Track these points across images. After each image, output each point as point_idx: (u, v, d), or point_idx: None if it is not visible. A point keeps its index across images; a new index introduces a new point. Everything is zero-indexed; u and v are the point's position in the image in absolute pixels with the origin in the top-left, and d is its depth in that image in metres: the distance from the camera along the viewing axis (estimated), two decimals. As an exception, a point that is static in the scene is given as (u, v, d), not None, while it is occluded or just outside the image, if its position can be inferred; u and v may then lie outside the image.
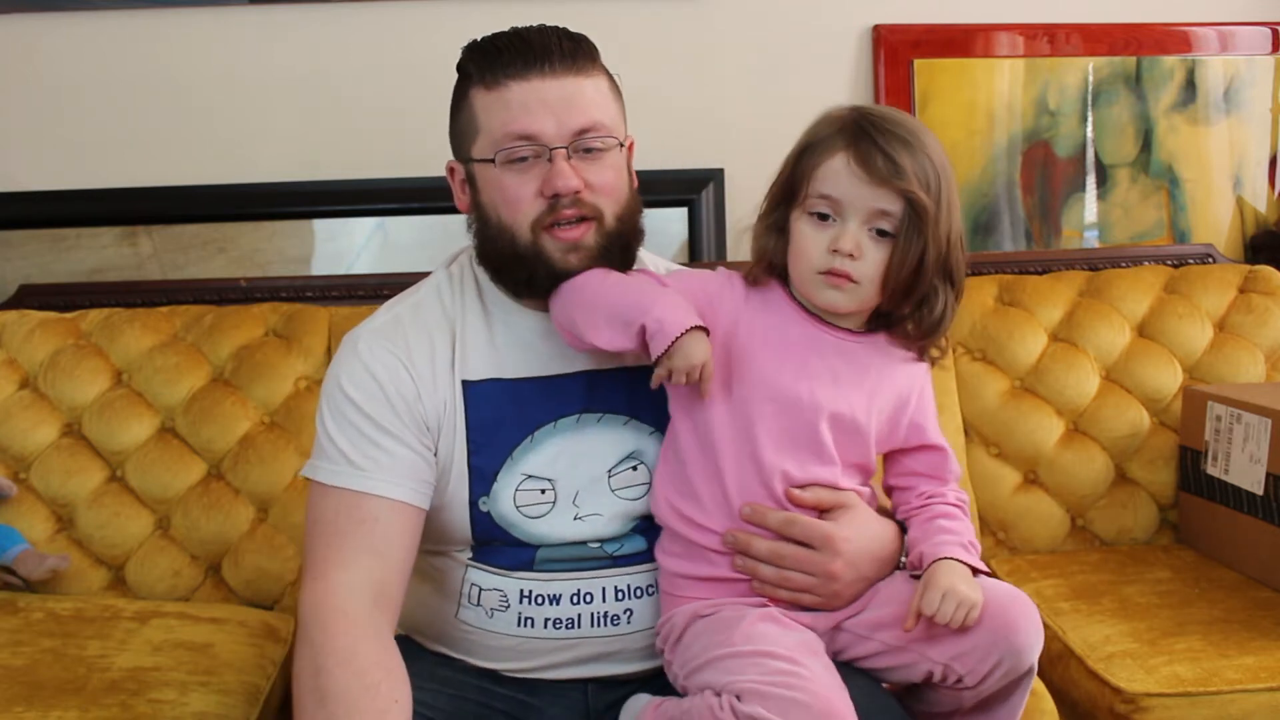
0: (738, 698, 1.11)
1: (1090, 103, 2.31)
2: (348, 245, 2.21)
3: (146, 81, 2.16)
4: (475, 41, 1.36)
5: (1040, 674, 1.47)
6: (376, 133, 2.19)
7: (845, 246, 1.19)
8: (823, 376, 1.24)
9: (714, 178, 2.23)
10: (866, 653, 1.24)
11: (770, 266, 1.27)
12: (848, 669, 1.23)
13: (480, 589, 1.32)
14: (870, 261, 1.20)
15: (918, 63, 2.26)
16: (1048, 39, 2.30)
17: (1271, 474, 1.74)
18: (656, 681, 1.32)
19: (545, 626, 1.30)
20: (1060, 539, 1.97)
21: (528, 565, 1.30)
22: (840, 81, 2.28)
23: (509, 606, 1.31)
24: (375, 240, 2.22)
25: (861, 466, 1.29)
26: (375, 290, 2.08)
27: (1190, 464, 1.94)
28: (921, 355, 1.29)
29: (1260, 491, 1.77)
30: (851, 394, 1.25)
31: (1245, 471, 1.80)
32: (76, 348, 1.91)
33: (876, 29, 2.26)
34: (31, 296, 2.04)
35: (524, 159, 1.27)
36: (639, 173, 2.19)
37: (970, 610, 1.15)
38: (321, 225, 2.20)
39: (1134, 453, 1.99)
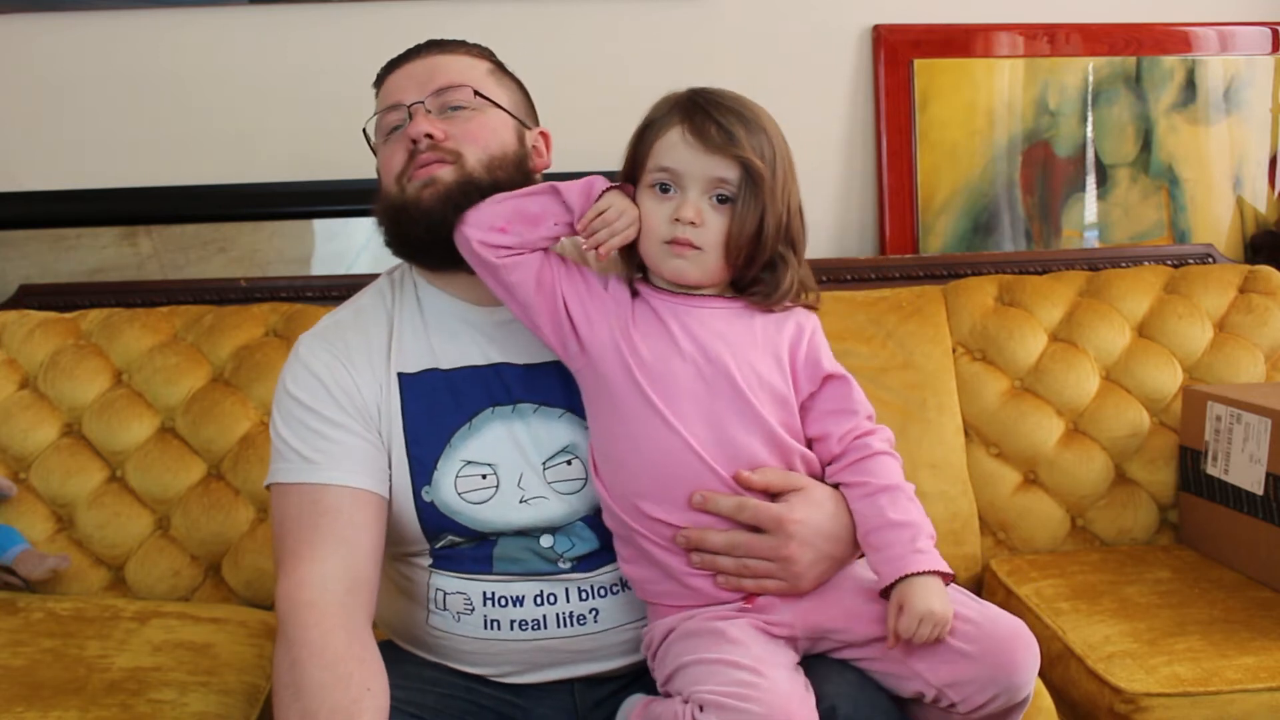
0: (700, 708, 1.12)
1: (1090, 103, 2.31)
2: (348, 245, 2.21)
3: (146, 81, 2.16)
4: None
5: (1040, 674, 1.47)
6: (376, 133, 2.19)
7: (686, 215, 1.22)
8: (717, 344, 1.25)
9: (714, 178, 2.23)
10: (859, 656, 1.23)
11: (630, 255, 1.28)
12: (843, 666, 1.22)
13: (445, 593, 1.32)
14: (712, 229, 1.22)
15: (918, 63, 2.26)
16: (1048, 39, 2.30)
17: (1271, 474, 1.74)
18: (647, 678, 1.31)
19: (511, 629, 1.31)
20: (1060, 539, 1.97)
21: (487, 568, 1.31)
22: (840, 81, 2.29)
23: (474, 609, 1.31)
24: (375, 240, 2.20)
25: (798, 437, 1.27)
26: (375, 290, 2.08)
27: (1190, 464, 1.94)
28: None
29: (1260, 491, 1.77)
30: (751, 354, 1.25)
31: (1245, 471, 1.80)
32: (76, 348, 1.91)
33: (876, 29, 2.26)
34: (31, 296, 2.04)
35: (396, 129, 1.33)
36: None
37: (944, 627, 1.15)
38: (321, 225, 2.20)
39: (1134, 453, 1.99)
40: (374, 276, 2.09)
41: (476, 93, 1.35)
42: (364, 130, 1.40)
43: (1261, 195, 2.37)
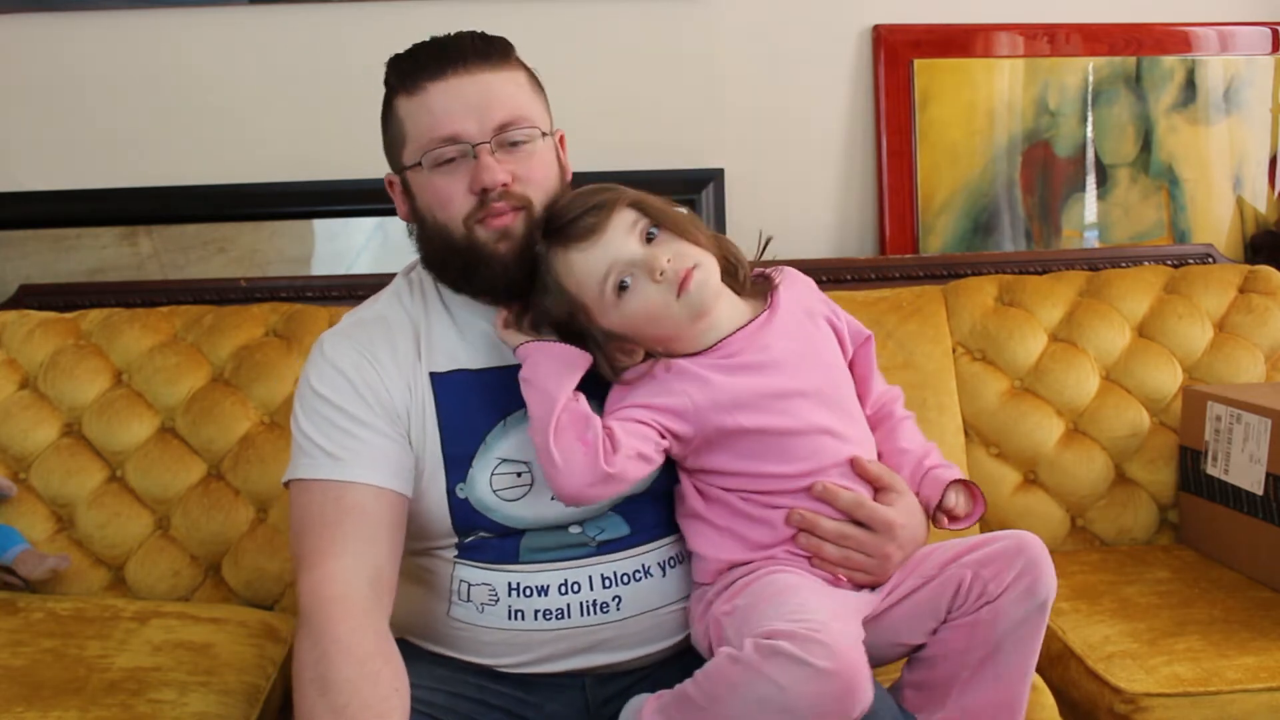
0: (767, 638, 1.11)
1: (1090, 103, 2.31)
2: (347, 245, 2.21)
3: (147, 81, 2.16)
4: (396, 55, 1.40)
5: (1040, 673, 1.48)
6: (376, 133, 2.17)
7: (661, 263, 1.25)
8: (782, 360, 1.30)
9: (714, 178, 2.23)
10: (908, 591, 1.28)
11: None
12: None
13: (469, 585, 1.33)
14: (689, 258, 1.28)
15: (918, 63, 2.26)
16: (1048, 39, 2.30)
17: (1271, 474, 1.74)
18: (655, 675, 1.32)
19: (536, 618, 1.31)
20: (1060, 539, 1.97)
21: (513, 558, 1.31)
22: (840, 81, 2.29)
23: (499, 600, 1.32)
24: (375, 240, 2.22)
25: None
26: (375, 290, 2.07)
27: (1190, 464, 1.94)
28: (768, 296, 1.34)
29: (1260, 491, 1.77)
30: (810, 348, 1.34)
31: (1245, 471, 1.80)
32: (76, 348, 1.91)
33: (876, 29, 2.26)
34: (31, 296, 2.04)
35: (451, 160, 1.30)
36: (639, 172, 2.21)
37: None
38: (321, 225, 2.20)
39: (1134, 453, 1.99)
40: (374, 276, 2.12)
41: (540, 130, 1.34)
42: (383, 143, 1.41)
43: (1261, 195, 2.37)
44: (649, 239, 1.25)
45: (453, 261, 1.33)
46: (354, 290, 2.08)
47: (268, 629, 1.71)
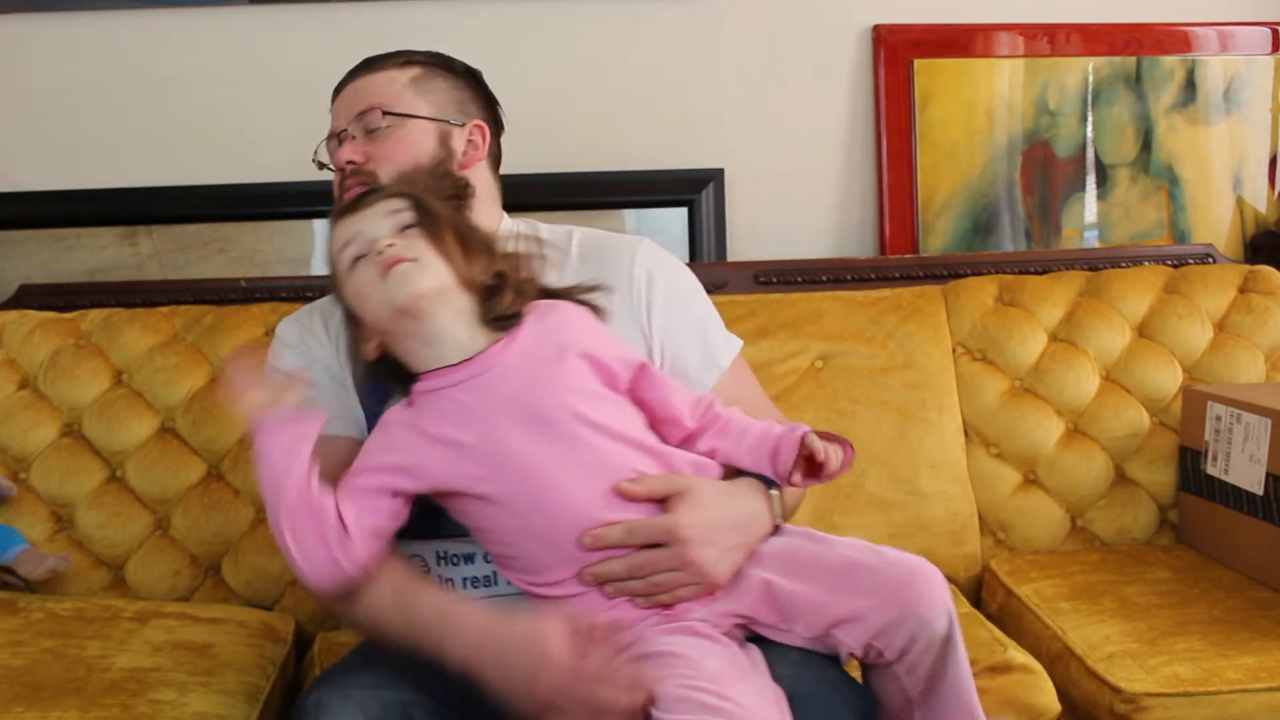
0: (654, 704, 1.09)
1: (1090, 103, 2.31)
2: (348, 245, 2.21)
3: (146, 81, 2.16)
4: None
5: (1040, 674, 1.49)
6: (376, 133, 2.19)
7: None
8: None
9: (714, 178, 2.23)
10: (787, 641, 1.23)
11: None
12: (784, 648, 1.22)
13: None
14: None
15: (918, 63, 2.26)
16: (1048, 39, 2.30)
17: (1271, 474, 1.74)
18: None
19: (464, 586, 1.34)
20: (1060, 539, 1.97)
21: (437, 530, 1.32)
22: (840, 81, 2.29)
23: (429, 570, 1.34)
24: (375, 240, 2.22)
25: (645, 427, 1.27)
26: (375, 290, 2.08)
27: (1190, 464, 1.94)
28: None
29: (1260, 491, 1.77)
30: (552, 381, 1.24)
31: (1245, 471, 1.80)
32: (77, 348, 1.91)
33: (876, 29, 2.26)
34: (31, 296, 2.04)
35: (332, 152, 1.48)
36: (639, 172, 2.22)
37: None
38: (322, 225, 2.20)
39: (1134, 453, 1.99)
40: (374, 276, 2.12)
41: (385, 112, 1.44)
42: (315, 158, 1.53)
43: (1261, 195, 2.37)
44: (403, 229, 1.24)
45: None
46: (354, 290, 2.08)
47: (268, 629, 1.71)
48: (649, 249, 1.49)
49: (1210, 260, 2.23)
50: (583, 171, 2.07)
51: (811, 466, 1.26)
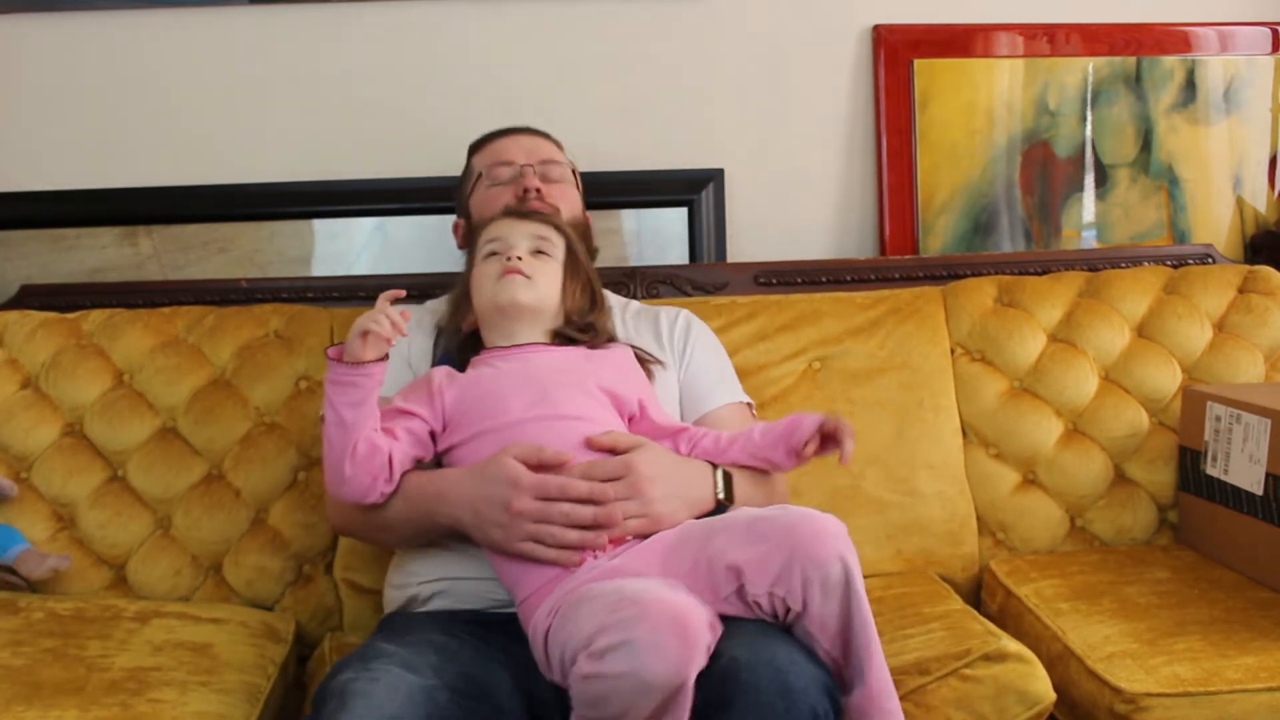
0: (588, 645, 1.16)
1: (1090, 103, 2.31)
2: (347, 245, 2.21)
3: (146, 81, 2.16)
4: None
5: (1040, 674, 1.49)
6: (376, 133, 2.19)
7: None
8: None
9: (714, 178, 2.23)
10: (720, 609, 1.28)
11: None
12: (739, 620, 1.27)
13: None
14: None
15: (918, 63, 2.26)
16: (1048, 39, 2.30)
17: (1271, 474, 1.74)
18: None
19: None
20: (1060, 539, 1.97)
21: None
22: (840, 81, 2.29)
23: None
24: (375, 240, 2.22)
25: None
26: (376, 291, 2.04)
27: (1190, 464, 1.94)
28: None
29: (1260, 491, 1.77)
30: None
31: (1245, 471, 1.80)
32: (78, 348, 1.91)
33: (876, 29, 2.26)
34: (33, 297, 2.04)
35: (502, 181, 1.76)
36: (639, 172, 2.23)
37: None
38: (321, 225, 2.20)
39: (1133, 453, 1.99)
40: (375, 277, 2.13)
41: (571, 170, 1.82)
42: (456, 199, 1.85)
43: (1261, 195, 2.37)
44: (536, 252, 1.53)
45: None
46: (355, 291, 2.08)
47: (268, 629, 1.71)
48: (690, 314, 1.80)
49: (1210, 260, 2.23)
50: (583, 172, 2.05)
51: (824, 443, 1.47)
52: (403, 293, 1.45)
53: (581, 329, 1.55)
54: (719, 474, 1.48)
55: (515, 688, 1.35)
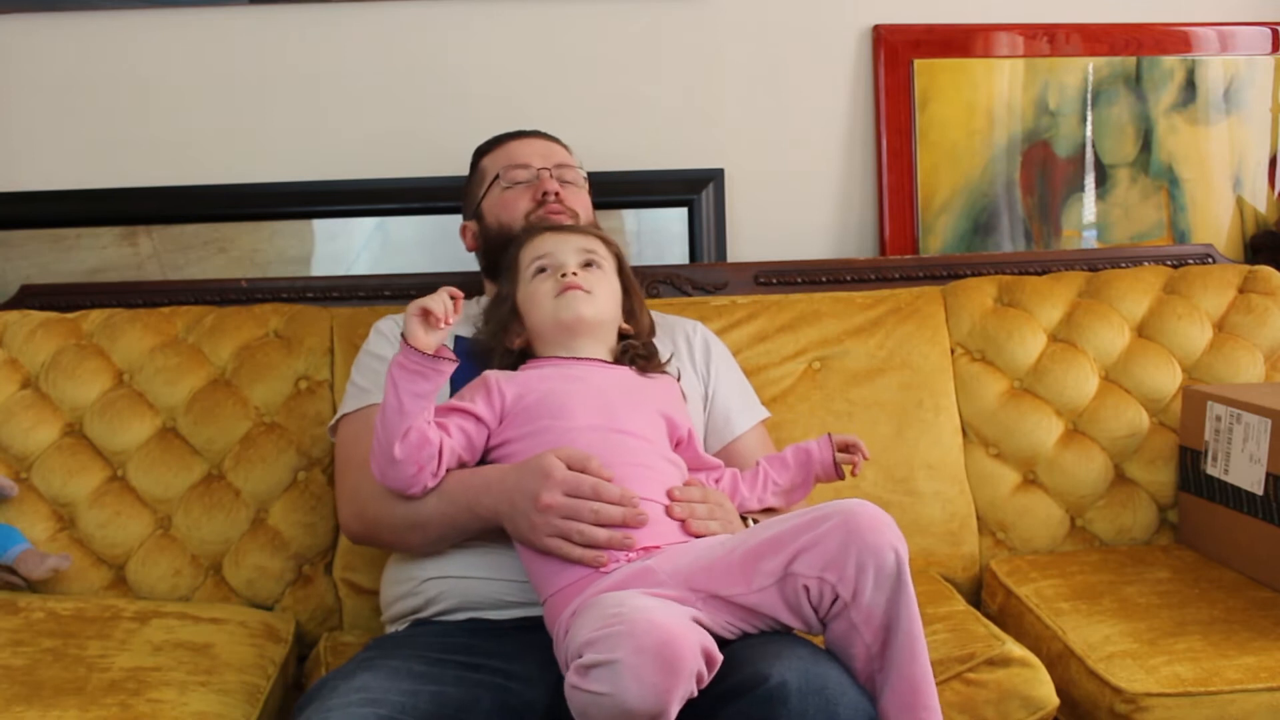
0: (579, 656, 1.16)
1: (1090, 103, 2.31)
2: (347, 245, 2.21)
3: (146, 81, 2.16)
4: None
5: (1040, 674, 1.49)
6: (376, 133, 2.20)
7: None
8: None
9: (714, 178, 2.23)
10: (750, 604, 1.27)
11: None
12: (794, 641, 1.27)
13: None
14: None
15: (918, 63, 2.26)
16: (1048, 39, 2.30)
17: (1271, 474, 1.74)
18: None
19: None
20: (1060, 539, 1.97)
21: None
22: (840, 81, 2.29)
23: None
24: (375, 240, 2.22)
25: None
26: (376, 291, 2.08)
27: (1190, 464, 1.94)
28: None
29: (1260, 491, 1.77)
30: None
31: (1245, 471, 1.80)
32: (78, 348, 1.91)
33: (876, 29, 2.26)
34: (33, 297, 2.04)
35: (520, 182, 1.77)
36: (639, 172, 2.24)
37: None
38: (321, 225, 2.20)
39: (1133, 453, 1.99)
40: (375, 277, 2.13)
41: (586, 174, 1.84)
42: (463, 198, 1.88)
43: (1261, 195, 2.37)
44: (587, 265, 1.54)
45: (506, 251, 1.64)
46: (355, 291, 2.08)
47: (268, 629, 1.71)
48: (705, 327, 1.84)
49: (1210, 260, 2.23)
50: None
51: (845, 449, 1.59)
52: (461, 294, 1.43)
53: (646, 354, 1.57)
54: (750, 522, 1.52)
55: (497, 705, 1.33)
